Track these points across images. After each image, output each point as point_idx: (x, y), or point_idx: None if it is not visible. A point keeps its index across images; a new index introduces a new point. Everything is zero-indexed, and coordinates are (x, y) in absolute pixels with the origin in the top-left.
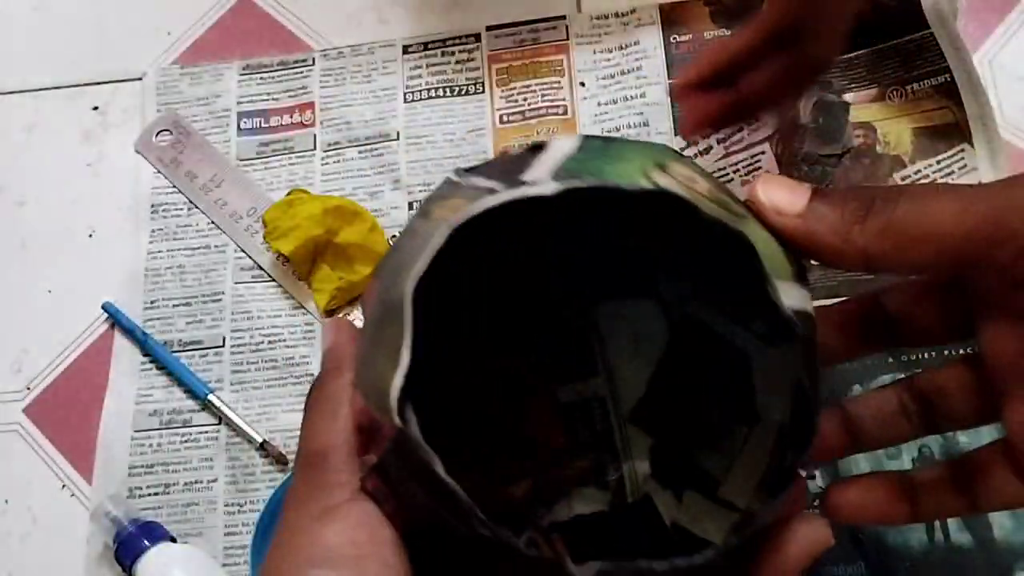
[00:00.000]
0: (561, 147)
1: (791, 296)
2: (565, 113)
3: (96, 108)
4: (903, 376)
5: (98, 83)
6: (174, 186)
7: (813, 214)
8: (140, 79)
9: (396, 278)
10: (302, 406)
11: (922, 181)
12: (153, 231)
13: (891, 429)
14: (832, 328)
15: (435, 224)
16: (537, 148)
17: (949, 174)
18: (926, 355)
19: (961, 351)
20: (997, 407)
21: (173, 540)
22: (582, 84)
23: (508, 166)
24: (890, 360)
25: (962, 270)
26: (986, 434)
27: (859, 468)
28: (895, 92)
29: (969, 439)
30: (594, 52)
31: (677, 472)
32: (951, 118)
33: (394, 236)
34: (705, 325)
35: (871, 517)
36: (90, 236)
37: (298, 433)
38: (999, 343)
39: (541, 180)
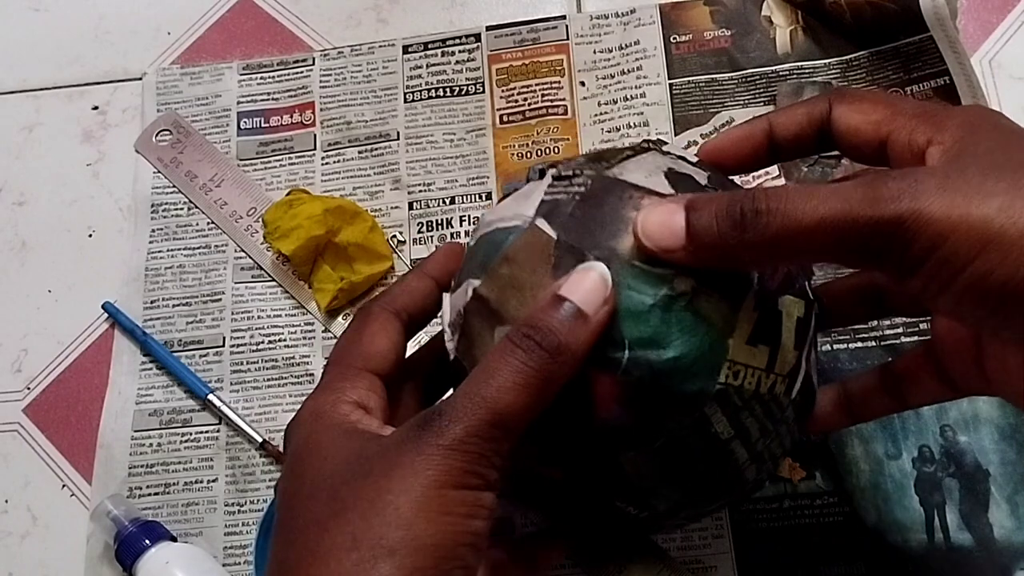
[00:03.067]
0: None
1: None
2: (565, 113)
3: (96, 108)
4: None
5: (98, 83)
6: (174, 186)
7: (696, 244)
8: (140, 79)
9: None
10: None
11: None
12: (153, 231)
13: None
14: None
15: None
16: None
17: None
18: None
19: None
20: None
21: (173, 539)
22: (582, 84)
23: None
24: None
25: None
26: (986, 435)
27: (859, 468)
28: (894, 93)
29: (969, 439)
30: (594, 52)
31: None
32: None
33: (394, 236)
34: None
35: (817, 426)
36: (90, 236)
37: None
38: (936, 321)
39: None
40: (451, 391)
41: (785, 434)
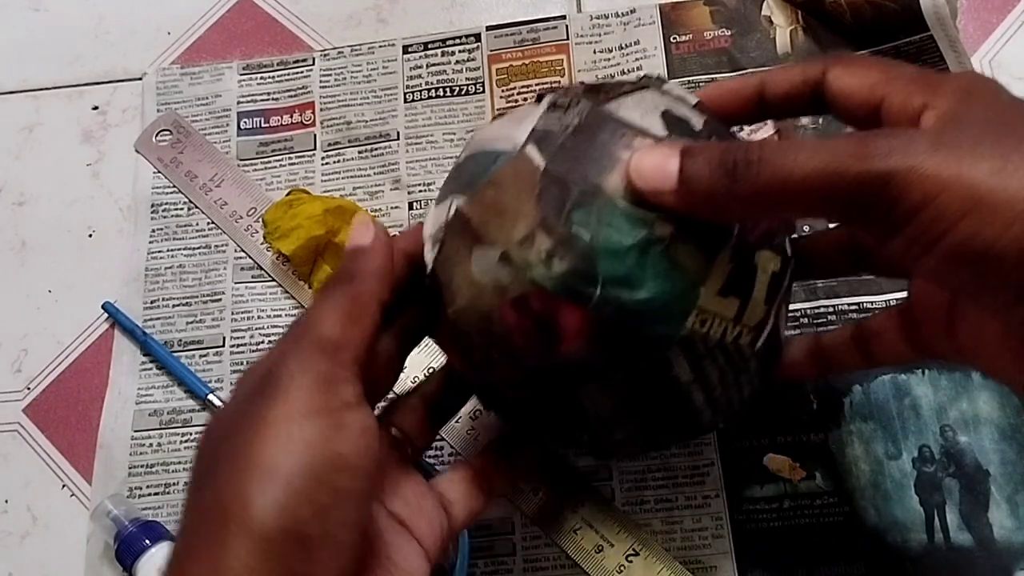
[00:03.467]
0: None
1: None
2: None
3: (96, 108)
4: None
5: (98, 83)
6: (174, 186)
7: (687, 189)
8: (140, 79)
9: None
10: None
11: None
12: (153, 231)
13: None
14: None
15: None
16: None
17: None
18: None
19: None
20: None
21: (173, 540)
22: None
23: None
24: None
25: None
26: (986, 435)
27: (859, 469)
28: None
29: (969, 439)
30: (594, 52)
31: None
32: None
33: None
34: None
35: (789, 373)
36: (90, 236)
37: None
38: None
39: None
40: None
41: (745, 383)
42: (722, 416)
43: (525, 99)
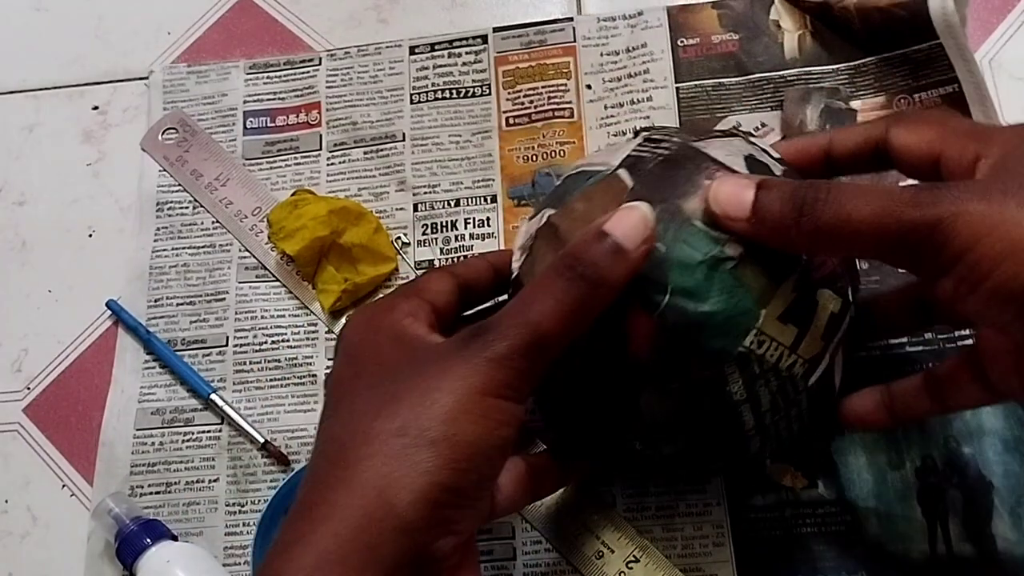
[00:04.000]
0: None
1: None
2: (571, 116)
3: (96, 108)
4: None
5: (98, 83)
6: (179, 184)
7: (758, 218)
8: (140, 79)
9: None
10: (305, 407)
11: None
12: (158, 229)
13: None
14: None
15: None
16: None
17: None
18: None
19: None
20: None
21: (174, 539)
22: (588, 87)
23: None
24: None
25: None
26: (989, 447)
27: (861, 478)
28: (902, 100)
29: (972, 450)
30: (601, 55)
31: None
32: None
33: (398, 238)
34: None
35: (860, 423)
36: (90, 236)
37: (299, 433)
38: (965, 317)
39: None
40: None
41: (795, 417)
42: (770, 447)
43: (531, 101)
